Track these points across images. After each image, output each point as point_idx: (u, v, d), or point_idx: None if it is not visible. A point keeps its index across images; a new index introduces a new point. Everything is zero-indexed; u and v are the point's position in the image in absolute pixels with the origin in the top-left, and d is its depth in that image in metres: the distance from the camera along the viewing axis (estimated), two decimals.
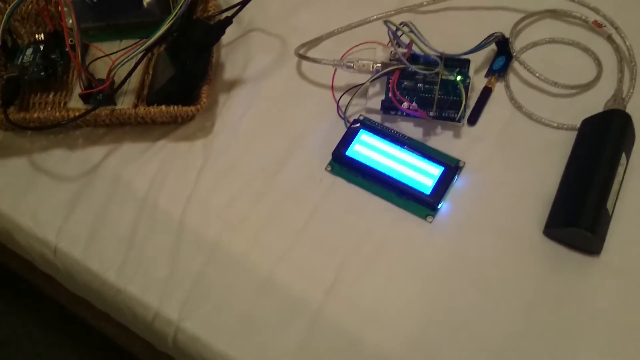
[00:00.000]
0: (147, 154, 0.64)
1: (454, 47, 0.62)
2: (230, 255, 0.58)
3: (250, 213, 0.60)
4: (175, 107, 0.61)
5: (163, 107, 0.61)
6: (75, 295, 0.66)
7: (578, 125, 0.61)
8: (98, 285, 0.60)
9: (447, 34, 0.66)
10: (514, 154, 0.61)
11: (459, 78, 0.62)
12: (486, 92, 0.65)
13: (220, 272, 0.58)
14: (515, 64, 0.66)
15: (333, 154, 0.62)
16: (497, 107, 0.64)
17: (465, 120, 0.63)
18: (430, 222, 0.58)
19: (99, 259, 0.60)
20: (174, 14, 0.60)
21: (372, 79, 0.63)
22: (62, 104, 0.67)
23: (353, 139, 0.62)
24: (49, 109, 0.66)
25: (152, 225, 0.60)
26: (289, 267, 0.57)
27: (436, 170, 0.60)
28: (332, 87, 0.66)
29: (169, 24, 0.60)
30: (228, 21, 0.61)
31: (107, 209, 0.62)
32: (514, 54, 0.65)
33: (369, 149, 0.62)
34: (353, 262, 0.57)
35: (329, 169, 0.62)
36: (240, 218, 0.60)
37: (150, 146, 0.65)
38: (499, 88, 0.65)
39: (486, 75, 0.66)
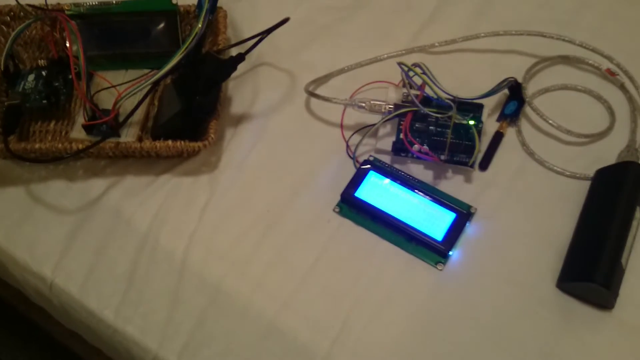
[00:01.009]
0: (150, 188, 0.62)
1: (464, 89, 0.61)
2: (233, 298, 0.57)
3: (254, 254, 0.59)
4: (182, 142, 0.59)
5: (170, 142, 0.59)
6: (68, 328, 0.64)
7: (591, 175, 0.60)
8: (94, 323, 0.58)
9: (457, 75, 0.66)
10: (526, 201, 0.60)
11: (472, 122, 0.61)
12: (498, 137, 0.64)
13: (223, 316, 0.56)
14: (528, 110, 0.65)
15: (342, 195, 0.61)
16: (509, 152, 0.63)
17: (476, 165, 0.62)
18: (441, 269, 0.57)
19: (97, 296, 0.58)
20: (184, 48, 0.59)
21: (384, 120, 0.62)
22: (63, 134, 0.65)
23: (362, 181, 0.61)
24: (50, 138, 0.64)
25: (153, 264, 0.58)
26: (294, 312, 0.56)
27: (448, 216, 0.58)
28: (341, 126, 0.65)
29: (179, 57, 0.59)
30: (240, 58, 0.60)
31: (106, 244, 0.60)
32: (527, 99, 0.65)
33: (378, 191, 0.60)
34: (361, 309, 0.55)
35: (337, 210, 0.61)
36: (244, 259, 0.58)
37: (154, 180, 0.63)
38: (510, 133, 0.64)
39: (498, 120, 0.65)
